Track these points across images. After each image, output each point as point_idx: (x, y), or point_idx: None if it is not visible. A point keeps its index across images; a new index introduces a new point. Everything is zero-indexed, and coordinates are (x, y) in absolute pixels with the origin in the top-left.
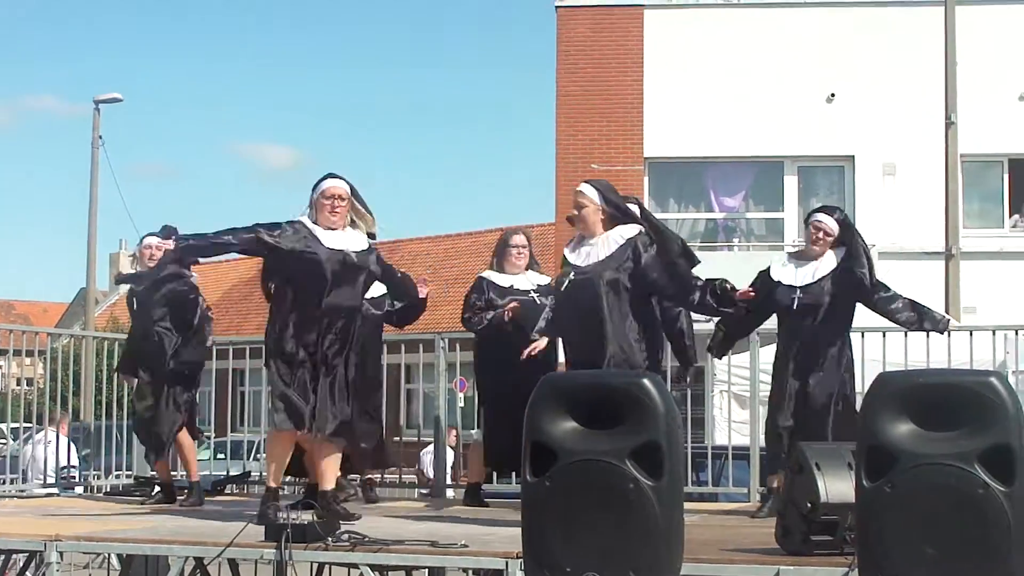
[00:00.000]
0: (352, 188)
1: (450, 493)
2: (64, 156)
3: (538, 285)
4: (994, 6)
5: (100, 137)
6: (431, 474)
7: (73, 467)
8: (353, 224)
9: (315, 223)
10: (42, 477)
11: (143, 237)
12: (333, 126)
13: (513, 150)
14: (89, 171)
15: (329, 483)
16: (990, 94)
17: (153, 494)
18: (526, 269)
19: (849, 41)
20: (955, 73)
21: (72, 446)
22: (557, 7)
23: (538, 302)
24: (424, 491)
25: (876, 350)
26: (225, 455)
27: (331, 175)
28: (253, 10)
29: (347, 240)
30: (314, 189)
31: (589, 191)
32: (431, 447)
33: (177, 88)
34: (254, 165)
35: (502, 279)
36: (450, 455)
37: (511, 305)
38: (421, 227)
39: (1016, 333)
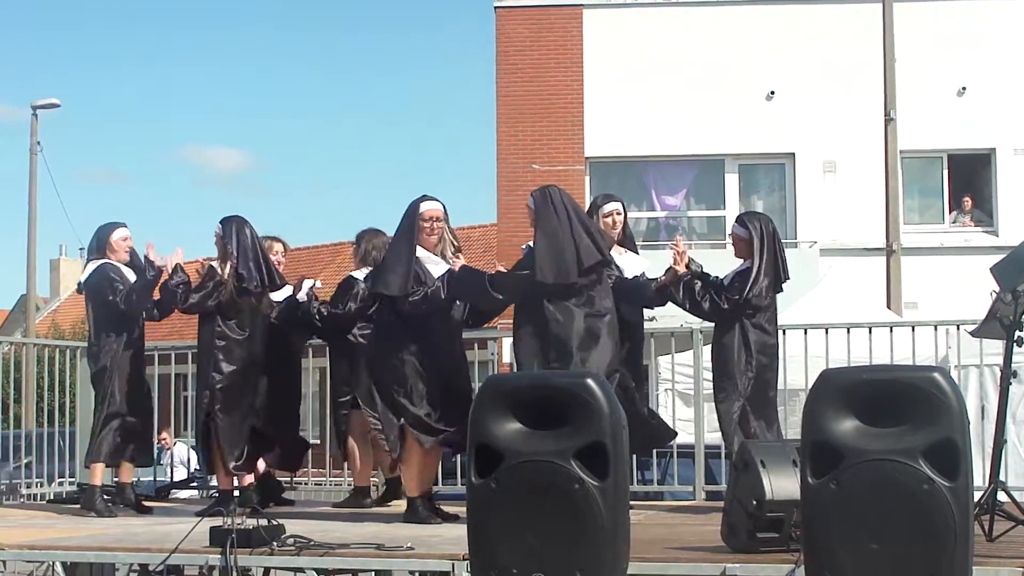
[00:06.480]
0: None
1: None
2: (2, 161)
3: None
4: (932, 2)
5: (39, 143)
6: None
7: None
8: None
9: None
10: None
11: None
12: (283, 128)
13: (456, 150)
14: (28, 177)
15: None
16: (929, 90)
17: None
18: None
19: (788, 39)
20: (894, 69)
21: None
22: (496, 7)
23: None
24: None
25: (819, 346)
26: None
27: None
28: (195, 12)
29: None
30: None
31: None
32: None
33: (120, 94)
34: (203, 169)
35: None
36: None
37: None
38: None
39: (958, 328)
